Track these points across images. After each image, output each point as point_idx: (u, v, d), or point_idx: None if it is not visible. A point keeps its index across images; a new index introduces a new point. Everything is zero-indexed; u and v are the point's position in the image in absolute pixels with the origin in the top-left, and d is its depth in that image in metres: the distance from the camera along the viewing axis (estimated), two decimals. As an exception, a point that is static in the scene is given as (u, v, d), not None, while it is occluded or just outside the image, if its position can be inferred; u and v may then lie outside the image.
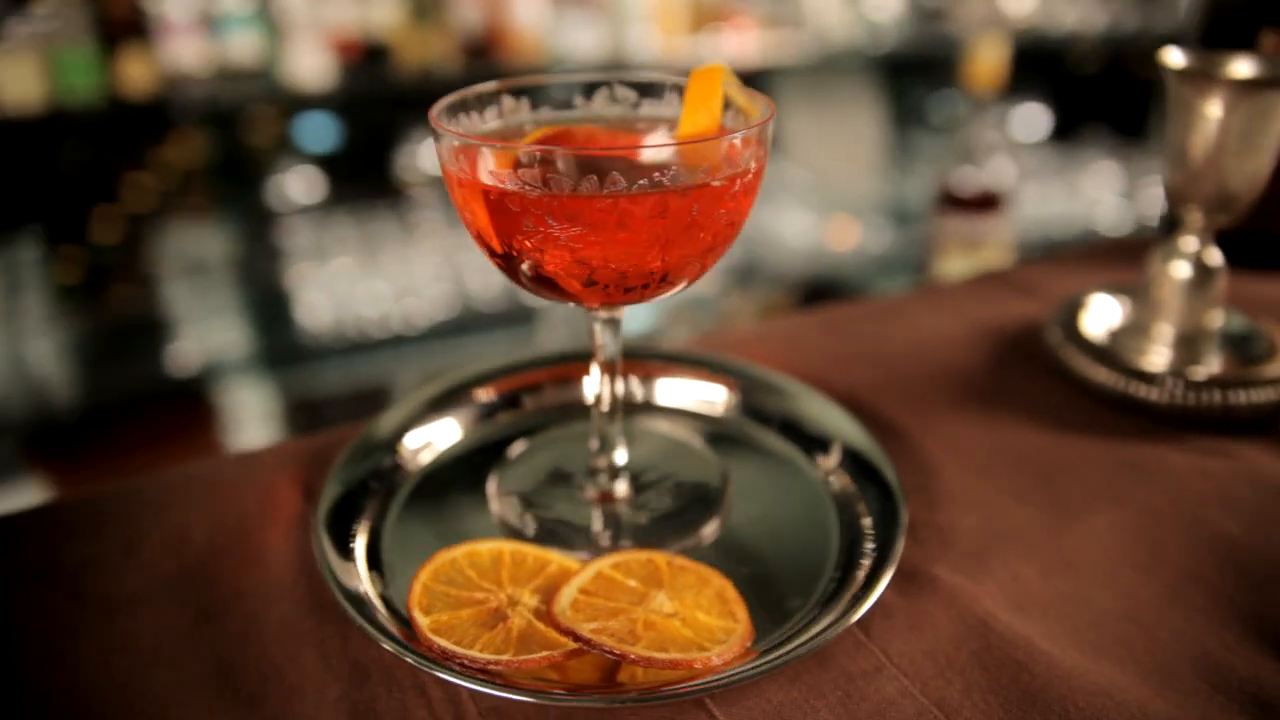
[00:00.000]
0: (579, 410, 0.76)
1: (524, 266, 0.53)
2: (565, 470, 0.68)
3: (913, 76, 2.72)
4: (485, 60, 2.48)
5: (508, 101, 0.61)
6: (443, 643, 0.51)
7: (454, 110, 0.58)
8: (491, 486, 0.66)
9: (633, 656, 0.51)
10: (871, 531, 0.61)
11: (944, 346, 0.84)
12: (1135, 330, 0.78)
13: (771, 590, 0.59)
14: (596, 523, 0.64)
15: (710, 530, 0.64)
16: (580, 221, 0.49)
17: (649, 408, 0.77)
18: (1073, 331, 0.79)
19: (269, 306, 2.44)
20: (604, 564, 0.58)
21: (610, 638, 0.51)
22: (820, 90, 2.67)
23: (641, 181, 0.49)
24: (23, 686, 0.52)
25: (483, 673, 0.50)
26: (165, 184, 2.47)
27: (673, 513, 0.65)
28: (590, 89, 0.63)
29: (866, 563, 0.58)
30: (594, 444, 0.66)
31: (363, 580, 0.58)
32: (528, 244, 0.52)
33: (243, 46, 2.28)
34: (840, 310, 0.92)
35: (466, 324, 2.47)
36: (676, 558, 0.59)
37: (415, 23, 2.45)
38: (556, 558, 0.59)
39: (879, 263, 2.53)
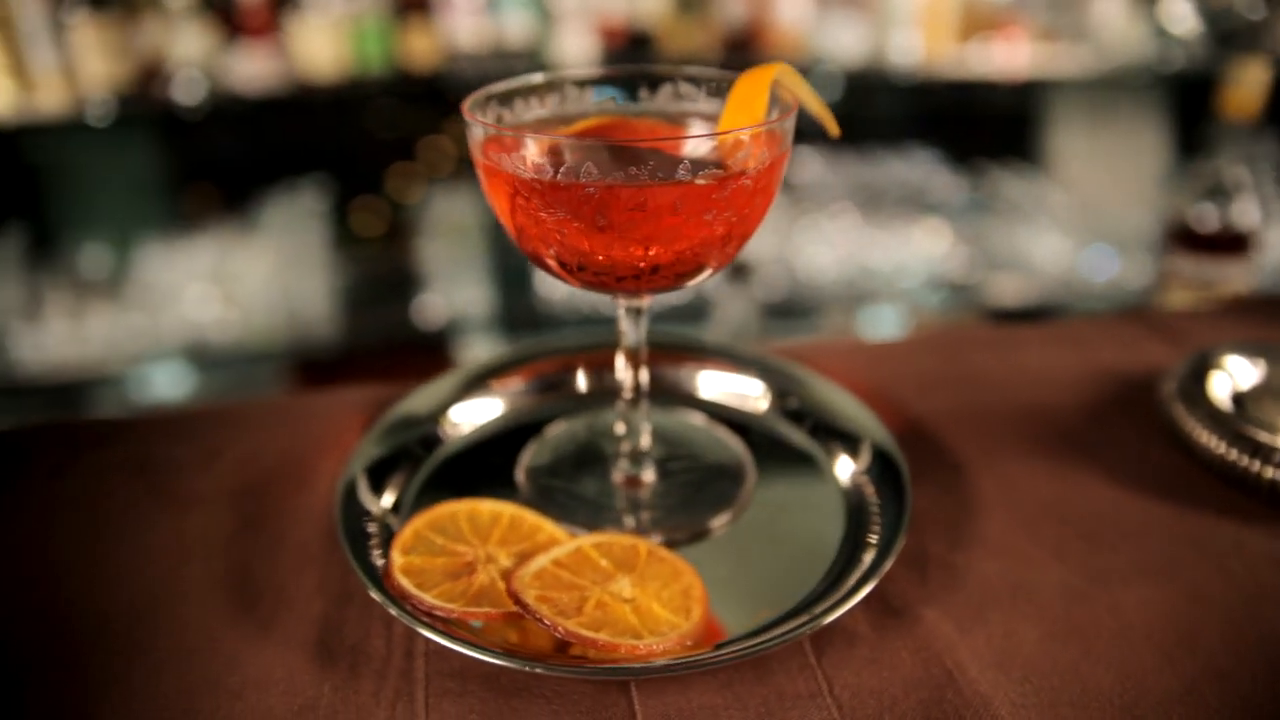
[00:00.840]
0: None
1: (524, 247, 0.56)
2: (597, 452, 0.70)
3: (1207, 99, 2.45)
4: (744, 54, 2.51)
5: (571, 90, 0.64)
6: (404, 582, 0.56)
7: (507, 97, 0.61)
8: (523, 458, 0.70)
9: (560, 630, 0.52)
10: (868, 556, 0.59)
11: (1044, 384, 0.78)
12: (1269, 395, 0.69)
13: (749, 595, 0.58)
14: (608, 503, 0.66)
15: (717, 526, 0.64)
16: (562, 208, 0.51)
17: (691, 399, 0.78)
18: (1189, 388, 0.71)
19: (513, 273, 2.60)
20: (587, 541, 0.60)
21: (549, 608, 0.54)
22: (1097, 108, 2.47)
23: (616, 174, 0.50)
24: (85, 562, 0.62)
25: (428, 616, 0.54)
26: (440, 152, 2.70)
27: (686, 503, 0.66)
28: (655, 83, 0.64)
29: (846, 586, 0.56)
30: (619, 429, 0.67)
31: (375, 517, 0.63)
32: (526, 225, 0.54)
33: (516, 27, 2.44)
34: (953, 334, 0.87)
35: (696, 310, 2.51)
36: (659, 547, 0.60)
37: (680, 13, 2.51)
38: (550, 528, 0.62)
39: (1134, 297, 2.31)
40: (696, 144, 0.55)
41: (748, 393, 0.77)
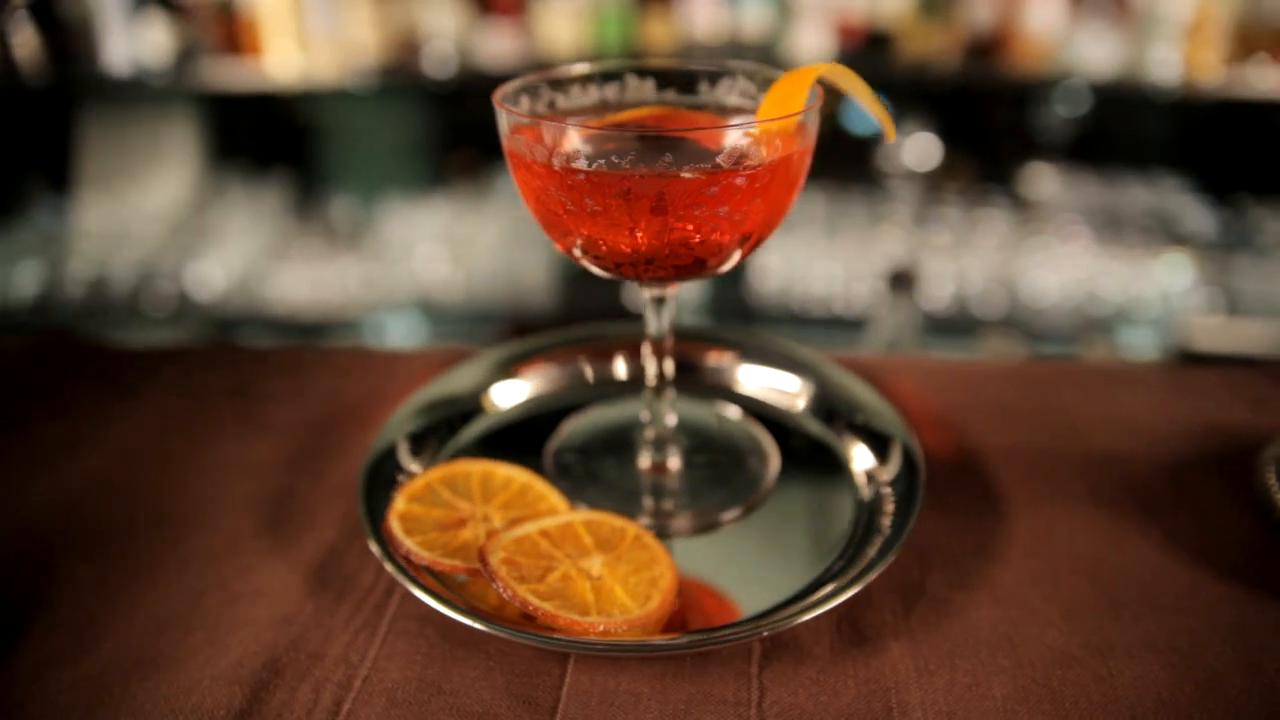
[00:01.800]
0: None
1: (541, 227, 0.58)
2: (627, 437, 0.71)
3: None
4: (985, 61, 2.39)
5: (631, 80, 0.65)
6: (395, 526, 0.60)
7: (560, 83, 0.63)
8: (555, 435, 0.72)
9: (509, 592, 0.54)
10: (854, 574, 0.57)
11: (1130, 432, 0.71)
12: (1384, 481, 0.60)
13: (730, 594, 0.58)
14: (621, 486, 0.67)
15: (725, 520, 0.64)
16: (561, 191, 0.53)
17: (731, 393, 0.77)
18: (1289, 458, 0.62)
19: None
20: (579, 516, 0.61)
21: (509, 570, 0.56)
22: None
23: (599, 161, 0.51)
24: (167, 468, 0.71)
25: (405, 560, 0.58)
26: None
27: (699, 495, 0.66)
28: (716, 77, 0.64)
29: (807, 600, 0.55)
30: (644, 416, 0.68)
31: (404, 468, 0.67)
32: (539, 208, 0.56)
33: (754, 20, 2.45)
34: (1042, 366, 0.80)
35: (855, 323, 2.43)
36: (646, 533, 0.60)
37: (923, 15, 2.43)
38: (555, 500, 0.64)
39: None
40: (728, 139, 0.55)
41: (789, 390, 0.76)
